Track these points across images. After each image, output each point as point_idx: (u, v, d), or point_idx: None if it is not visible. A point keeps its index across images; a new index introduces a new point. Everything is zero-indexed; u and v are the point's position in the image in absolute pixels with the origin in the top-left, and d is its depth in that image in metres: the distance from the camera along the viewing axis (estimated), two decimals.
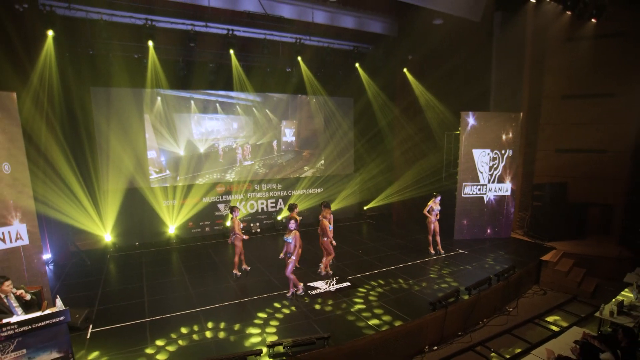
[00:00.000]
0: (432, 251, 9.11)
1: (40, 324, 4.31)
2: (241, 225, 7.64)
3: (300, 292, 6.79)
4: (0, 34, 6.46)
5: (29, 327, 4.22)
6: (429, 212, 8.93)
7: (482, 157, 10.03)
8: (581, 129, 10.62)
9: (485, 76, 11.05)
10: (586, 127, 10.54)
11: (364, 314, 6.08)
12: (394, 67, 12.06)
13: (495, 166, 10.14)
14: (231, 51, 9.57)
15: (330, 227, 7.57)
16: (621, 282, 7.25)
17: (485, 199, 10.20)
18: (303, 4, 10.21)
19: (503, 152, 10.12)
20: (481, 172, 10.08)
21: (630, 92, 9.66)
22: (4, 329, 4.04)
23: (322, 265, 7.82)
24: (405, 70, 11.85)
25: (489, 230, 10.36)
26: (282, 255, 6.68)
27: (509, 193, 10.28)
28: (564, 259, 9.08)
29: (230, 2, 9.48)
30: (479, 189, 10.14)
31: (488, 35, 10.84)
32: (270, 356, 4.82)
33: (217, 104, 10.83)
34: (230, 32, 9.39)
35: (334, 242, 7.55)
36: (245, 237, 7.56)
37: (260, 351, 4.78)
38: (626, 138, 9.90)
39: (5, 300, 4.54)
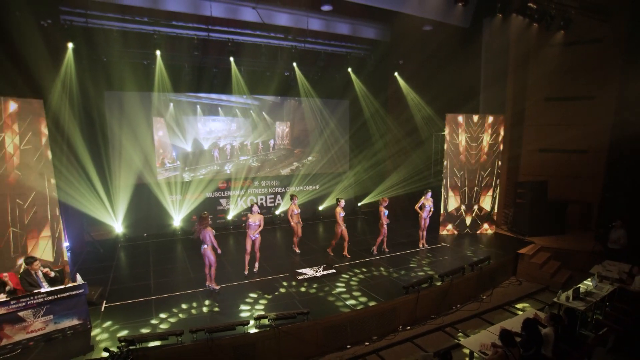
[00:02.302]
0: (421, 245, 9.75)
1: (64, 295, 5.20)
2: (296, 211, 9.03)
3: (215, 288, 7.09)
4: (29, 47, 7.37)
5: (55, 296, 5.09)
6: (420, 208, 9.60)
7: (466, 156, 10.67)
8: (563, 129, 11.18)
9: (475, 79, 11.65)
10: (568, 128, 11.11)
11: (344, 296, 6.85)
12: (386, 71, 12.74)
13: (479, 165, 10.77)
14: (231, 59, 10.35)
15: (385, 212, 8.90)
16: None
17: (469, 195, 10.84)
18: (299, 12, 10.94)
19: (487, 151, 10.74)
20: (465, 170, 10.73)
21: (607, 94, 10.23)
22: (36, 297, 4.91)
23: (374, 247, 9.33)
24: (396, 74, 12.52)
25: (471, 225, 11.00)
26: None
27: (491, 191, 10.90)
28: (540, 252, 9.68)
29: (230, 12, 10.25)
30: (463, 186, 10.79)
31: (477, 40, 11.42)
32: (256, 327, 5.62)
33: (219, 107, 11.63)
34: (230, 41, 10.17)
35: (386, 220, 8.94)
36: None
37: (248, 322, 5.58)
38: (604, 138, 10.46)
39: (34, 276, 5.39)
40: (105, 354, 4.71)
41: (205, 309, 6.30)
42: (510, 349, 4.71)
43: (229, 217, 11.92)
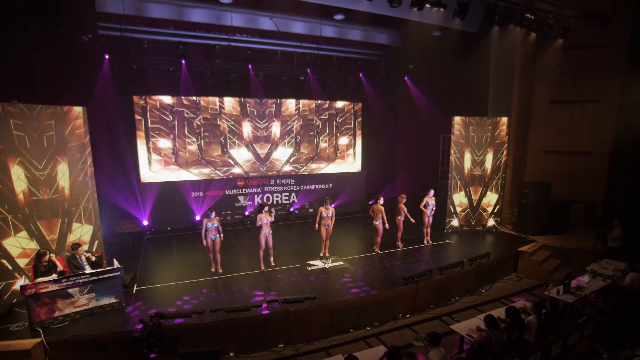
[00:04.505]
0: (426, 242, 10.30)
1: (104, 276, 6.07)
2: (324, 215, 8.75)
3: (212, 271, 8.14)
4: (73, 59, 8.36)
5: (97, 277, 5.95)
6: (424, 206, 10.16)
7: (471, 158, 11.12)
8: (568, 132, 11.49)
9: (483, 82, 12.00)
10: (573, 130, 11.41)
11: (348, 285, 7.50)
12: (397, 75, 13.29)
13: (485, 165, 11.21)
14: (249, 65, 11.13)
15: (405, 209, 9.55)
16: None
17: (474, 195, 11.29)
18: (313, 20, 11.62)
19: (491, 153, 11.16)
20: (470, 171, 11.19)
21: (611, 98, 10.50)
22: (81, 277, 5.78)
23: (398, 241, 10.04)
24: (406, 77, 13.04)
25: (476, 224, 11.46)
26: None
27: (493, 191, 11.33)
28: (541, 250, 10.08)
29: (250, 22, 11.03)
30: (468, 187, 11.25)
31: (486, 44, 11.76)
32: (268, 309, 6.34)
33: (240, 109, 12.43)
34: (249, 51, 10.95)
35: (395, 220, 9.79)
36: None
37: (261, 304, 6.31)
38: (608, 140, 10.73)
39: (79, 259, 6.27)
40: (139, 326, 5.51)
41: (223, 293, 7.09)
42: (494, 332, 5.26)
43: (246, 212, 12.72)
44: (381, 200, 9.31)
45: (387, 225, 9.21)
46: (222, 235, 8.05)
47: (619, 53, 10.23)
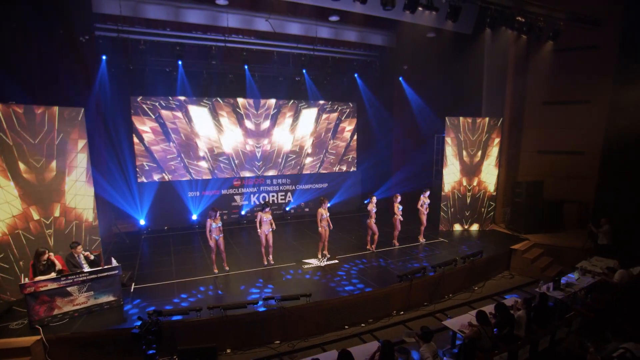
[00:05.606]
0: (422, 240, 10.45)
1: (103, 274, 6.15)
2: (325, 215, 8.83)
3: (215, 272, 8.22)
4: (70, 60, 8.42)
5: (96, 275, 6.04)
6: (421, 205, 10.31)
7: (465, 157, 11.28)
8: (561, 132, 11.65)
9: (477, 83, 12.14)
10: (566, 131, 11.58)
11: (343, 283, 7.63)
12: (391, 75, 13.42)
13: (478, 165, 11.37)
14: (245, 66, 11.21)
15: (400, 208, 9.85)
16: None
17: (468, 195, 11.46)
18: (308, 21, 11.72)
19: (485, 153, 11.32)
20: (464, 171, 11.34)
21: (603, 99, 10.68)
22: (80, 276, 5.86)
23: (394, 240, 10.21)
24: (401, 78, 13.19)
25: (470, 223, 11.62)
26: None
27: (488, 190, 11.49)
28: (534, 248, 10.25)
29: (245, 23, 11.10)
30: (461, 186, 11.40)
31: (479, 45, 11.91)
32: (264, 306, 6.45)
33: (237, 109, 12.52)
34: (245, 52, 11.04)
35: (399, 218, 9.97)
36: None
37: (257, 302, 6.42)
38: (599, 141, 10.91)
39: (77, 258, 6.35)
40: (138, 323, 5.60)
41: (220, 291, 7.19)
42: (485, 327, 5.41)
43: (243, 212, 12.81)
44: (374, 200, 9.52)
45: (373, 225, 9.47)
46: (222, 235, 8.14)
47: (610, 55, 10.39)
